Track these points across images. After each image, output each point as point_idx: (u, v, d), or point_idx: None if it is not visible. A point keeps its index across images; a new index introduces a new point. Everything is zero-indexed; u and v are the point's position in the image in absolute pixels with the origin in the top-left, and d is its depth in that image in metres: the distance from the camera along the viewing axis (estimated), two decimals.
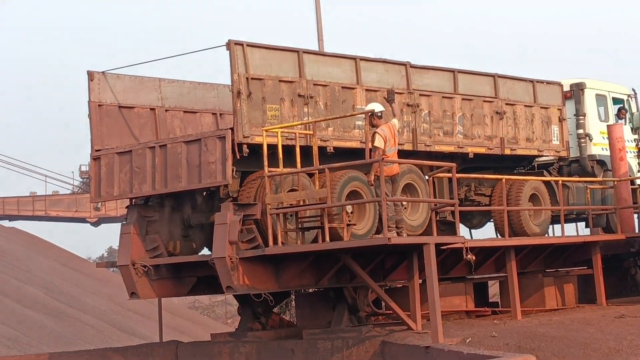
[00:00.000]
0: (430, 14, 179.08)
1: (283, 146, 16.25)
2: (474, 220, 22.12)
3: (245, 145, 16.22)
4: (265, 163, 16.04)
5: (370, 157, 16.39)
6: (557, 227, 22.11)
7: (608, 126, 23.45)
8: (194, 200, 17.83)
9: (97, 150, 17.99)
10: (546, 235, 21.80)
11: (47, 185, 76.84)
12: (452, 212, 18.93)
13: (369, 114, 16.73)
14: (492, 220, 21.32)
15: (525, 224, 20.78)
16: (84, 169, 74.32)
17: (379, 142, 16.44)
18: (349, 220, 16.89)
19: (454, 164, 17.39)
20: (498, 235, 20.89)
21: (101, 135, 18.19)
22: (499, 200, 20.43)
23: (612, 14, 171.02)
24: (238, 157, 16.20)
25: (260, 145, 16.16)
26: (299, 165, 16.36)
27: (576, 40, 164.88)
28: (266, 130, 16.17)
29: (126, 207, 18.35)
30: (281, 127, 16.35)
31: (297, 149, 16.42)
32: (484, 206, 20.98)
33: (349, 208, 17.04)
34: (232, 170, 16.22)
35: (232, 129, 16.25)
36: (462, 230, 21.37)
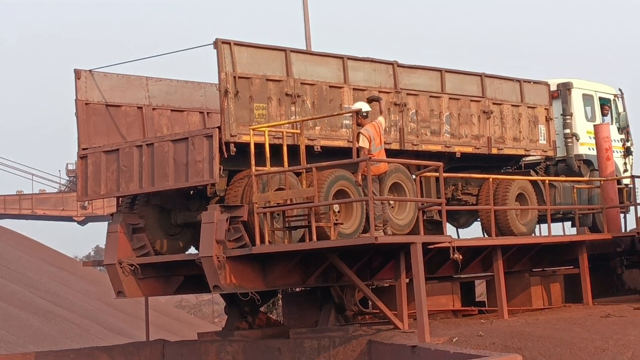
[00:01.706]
0: (421, 12, 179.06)
1: (270, 145, 16.29)
2: (461, 220, 22.18)
3: (232, 144, 16.25)
4: (253, 162, 16.06)
5: (357, 157, 16.43)
6: (544, 226, 22.23)
7: (595, 126, 23.54)
8: (181, 199, 17.82)
9: (84, 149, 18.00)
10: (533, 234, 21.87)
11: (34, 184, 76.78)
12: (439, 212, 19.00)
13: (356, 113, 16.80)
14: (479, 219, 21.40)
15: (512, 224, 20.86)
16: (70, 167, 74.42)
17: (363, 142, 16.53)
18: (336, 220, 16.93)
19: (440, 163, 17.44)
20: (485, 234, 20.95)
21: (88, 134, 18.20)
22: (485, 199, 20.53)
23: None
24: (225, 156, 16.22)
25: (247, 144, 16.18)
26: (286, 164, 16.41)
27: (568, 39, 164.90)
28: (253, 129, 16.21)
29: (110, 215, 18.36)
30: (268, 126, 16.39)
31: (285, 148, 16.47)
32: (471, 205, 21.04)
33: (336, 207, 17.08)
34: (220, 169, 16.25)
35: (219, 127, 16.28)
36: (449, 229, 21.50)
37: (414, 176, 18.57)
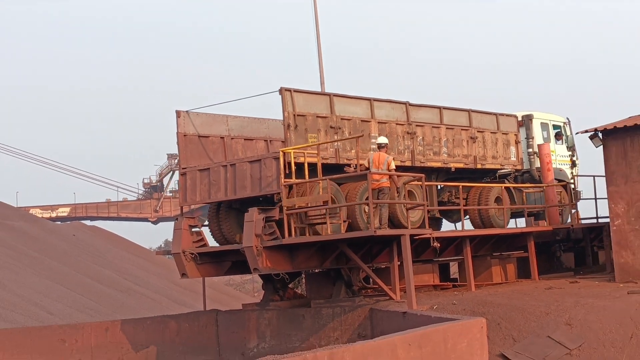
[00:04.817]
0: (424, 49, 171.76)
1: (311, 164, 16.76)
2: (454, 217, 22.42)
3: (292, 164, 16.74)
4: (282, 175, 16.54)
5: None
6: (520, 220, 22.51)
7: (539, 145, 23.49)
8: (254, 204, 17.72)
9: (183, 168, 18.58)
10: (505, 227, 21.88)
11: (119, 194, 77.47)
12: (440, 211, 19.34)
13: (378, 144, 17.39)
14: (467, 216, 21.73)
15: (492, 219, 21.27)
16: (146, 181, 74.86)
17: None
18: (366, 217, 17.06)
19: (422, 175, 17.77)
20: (462, 226, 20.93)
21: (186, 157, 18.71)
22: (472, 201, 20.91)
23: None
24: (287, 172, 16.70)
25: (303, 164, 16.70)
26: (320, 175, 16.64)
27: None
28: (283, 151, 16.64)
29: (175, 219, 18.61)
30: (294, 149, 16.76)
31: (319, 165, 16.78)
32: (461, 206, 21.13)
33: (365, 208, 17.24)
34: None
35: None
36: (446, 224, 22.00)
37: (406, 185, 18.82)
